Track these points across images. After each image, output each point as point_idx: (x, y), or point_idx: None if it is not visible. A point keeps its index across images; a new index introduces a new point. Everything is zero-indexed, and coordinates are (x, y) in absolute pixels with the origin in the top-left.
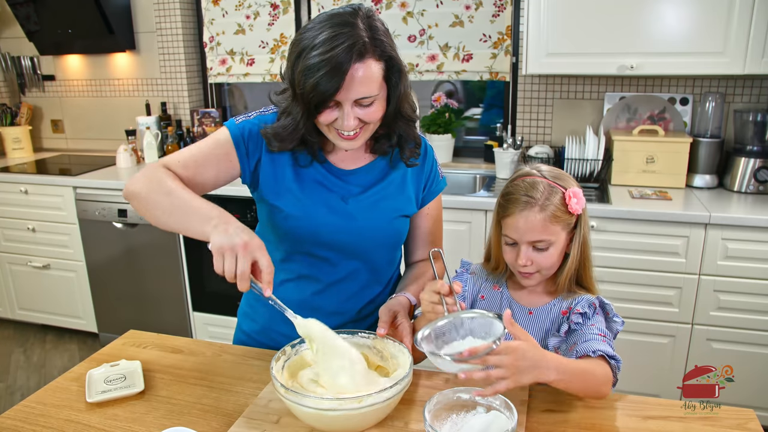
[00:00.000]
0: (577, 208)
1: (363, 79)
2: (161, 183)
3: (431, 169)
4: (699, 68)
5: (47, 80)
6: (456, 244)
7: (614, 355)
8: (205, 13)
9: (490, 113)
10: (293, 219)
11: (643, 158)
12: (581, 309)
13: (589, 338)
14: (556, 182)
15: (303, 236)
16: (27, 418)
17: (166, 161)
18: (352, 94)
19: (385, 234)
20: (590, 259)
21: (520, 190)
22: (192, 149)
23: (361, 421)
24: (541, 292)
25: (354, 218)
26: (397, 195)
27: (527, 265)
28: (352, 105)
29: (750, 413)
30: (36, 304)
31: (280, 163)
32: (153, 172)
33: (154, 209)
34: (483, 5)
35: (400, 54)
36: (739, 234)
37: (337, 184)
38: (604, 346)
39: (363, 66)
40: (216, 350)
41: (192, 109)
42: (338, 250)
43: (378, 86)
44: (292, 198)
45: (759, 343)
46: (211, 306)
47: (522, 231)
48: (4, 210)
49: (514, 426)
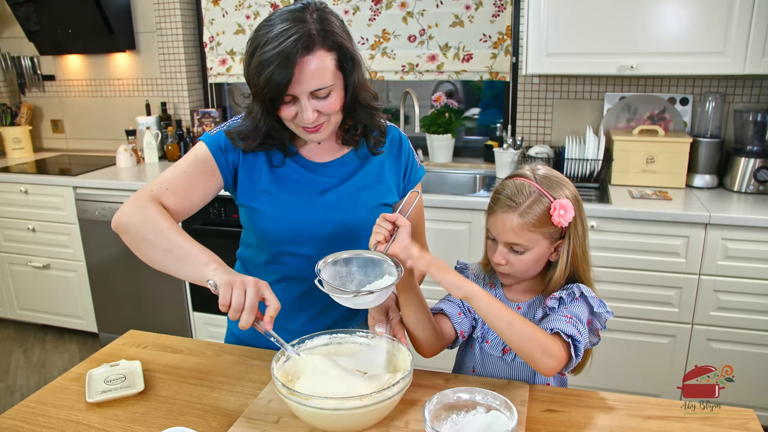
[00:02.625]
0: (560, 220)
1: (314, 71)
2: (156, 223)
3: (408, 158)
4: (699, 68)
5: (47, 80)
6: (456, 244)
7: (572, 335)
8: (205, 13)
9: (489, 113)
10: (273, 219)
11: (643, 158)
12: (557, 294)
13: (552, 319)
14: (546, 190)
15: (284, 236)
16: (27, 418)
17: (155, 191)
18: (305, 86)
19: (367, 224)
20: (585, 268)
21: (506, 192)
22: (177, 172)
23: (361, 421)
24: (531, 290)
25: (334, 209)
26: (375, 184)
27: (501, 264)
28: (308, 98)
29: (750, 413)
30: (36, 304)
31: (256, 166)
32: (145, 210)
33: (147, 249)
34: (483, 5)
35: (399, 54)
36: (739, 234)
37: (313, 179)
38: (566, 325)
39: (313, 58)
40: (216, 350)
41: (192, 109)
42: (321, 245)
43: (331, 76)
44: (269, 198)
45: (759, 343)
46: (211, 306)
47: (499, 231)
48: (4, 210)
49: (514, 426)
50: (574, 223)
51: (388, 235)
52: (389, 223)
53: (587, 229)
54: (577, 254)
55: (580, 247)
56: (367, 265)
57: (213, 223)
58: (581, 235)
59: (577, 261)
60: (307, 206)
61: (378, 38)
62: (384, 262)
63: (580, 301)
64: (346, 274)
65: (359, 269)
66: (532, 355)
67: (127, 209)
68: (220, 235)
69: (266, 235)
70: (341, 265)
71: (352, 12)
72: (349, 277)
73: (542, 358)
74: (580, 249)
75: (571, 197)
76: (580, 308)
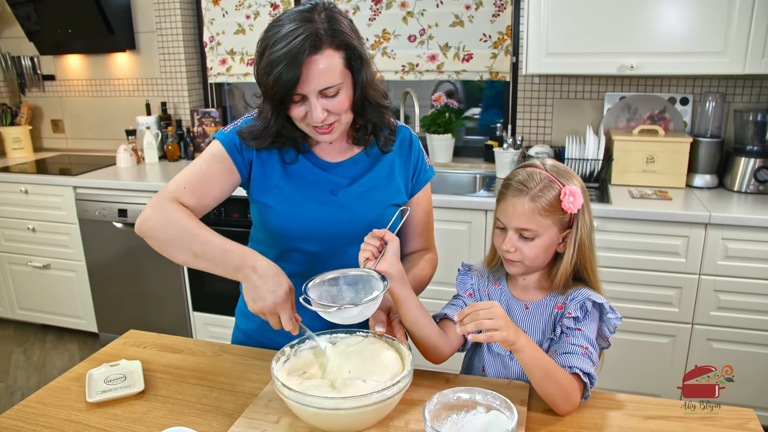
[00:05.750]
0: (571, 206)
1: (323, 69)
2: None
3: (418, 158)
4: (699, 68)
5: (47, 80)
6: (456, 244)
7: (590, 372)
8: (205, 13)
9: (490, 113)
10: (283, 216)
11: (643, 158)
12: (573, 312)
13: (569, 350)
14: (556, 177)
15: (294, 232)
16: (27, 418)
17: (174, 192)
18: (314, 85)
19: (376, 224)
20: (592, 260)
21: (518, 178)
22: (194, 171)
23: (361, 421)
24: (537, 287)
25: (344, 209)
26: (385, 184)
27: (511, 251)
28: (317, 97)
29: (750, 413)
30: (36, 304)
31: (269, 162)
32: (168, 212)
33: (175, 253)
34: (483, 5)
35: (399, 54)
36: (739, 234)
37: (325, 177)
38: (583, 362)
39: (321, 57)
40: (216, 350)
41: (192, 109)
42: (330, 243)
43: (339, 75)
44: (280, 195)
45: (759, 343)
46: (211, 306)
47: (510, 216)
48: (4, 210)
49: (514, 426)
50: (581, 212)
51: (377, 252)
52: (377, 240)
53: (593, 222)
54: (584, 244)
55: (587, 237)
56: (357, 282)
57: (213, 223)
58: (588, 225)
59: (584, 251)
60: (317, 205)
61: (378, 38)
62: (372, 278)
63: (592, 312)
64: (336, 293)
65: (348, 287)
66: (556, 399)
67: (149, 213)
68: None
69: (276, 231)
70: (329, 284)
71: (352, 12)
72: (340, 295)
73: (561, 400)
74: (588, 239)
75: (580, 186)
76: (592, 324)
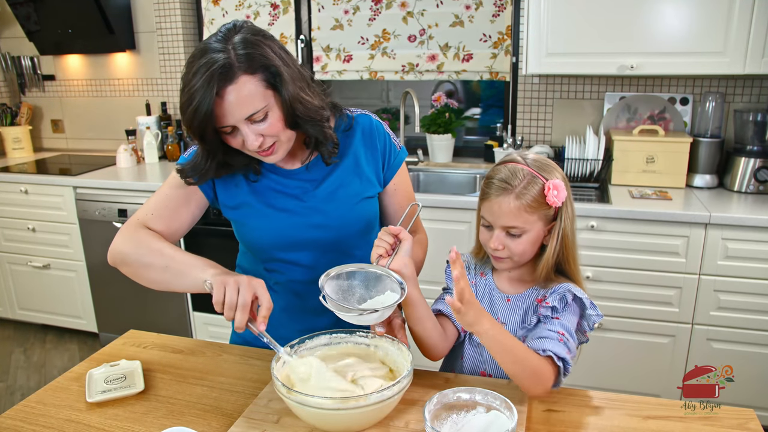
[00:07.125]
0: (555, 200)
1: (243, 97)
2: (148, 245)
3: (385, 143)
4: (699, 68)
5: (47, 80)
6: (456, 243)
7: (564, 357)
8: (205, 13)
9: (490, 113)
10: (257, 230)
11: (643, 158)
12: (551, 302)
13: (545, 335)
14: (538, 172)
15: (271, 244)
16: (27, 418)
17: (142, 219)
18: (238, 114)
19: (350, 221)
20: (574, 251)
21: (499, 176)
22: (161, 197)
23: (361, 421)
24: (520, 280)
25: (315, 212)
26: (353, 179)
27: (499, 249)
28: (246, 124)
29: (750, 413)
30: (36, 304)
31: (232, 180)
32: (135, 236)
33: (146, 272)
34: (483, 5)
35: (399, 54)
36: (739, 234)
37: (290, 185)
38: (557, 346)
39: (235, 86)
40: (216, 350)
41: None
42: (309, 248)
43: (261, 99)
44: (249, 210)
45: (759, 343)
46: (211, 306)
47: (496, 215)
48: (4, 210)
49: (514, 426)
50: (564, 204)
51: (390, 249)
52: (391, 236)
53: (575, 212)
54: (567, 235)
55: (570, 228)
56: (369, 278)
57: (213, 223)
58: (571, 216)
59: (567, 242)
60: (286, 214)
61: (378, 38)
62: (387, 278)
63: (572, 305)
64: (347, 287)
65: (360, 283)
66: (522, 383)
67: (118, 241)
68: (221, 234)
69: (254, 245)
70: (344, 278)
71: (352, 12)
72: (350, 291)
73: (533, 383)
74: (570, 230)
75: (562, 178)
76: (571, 316)
